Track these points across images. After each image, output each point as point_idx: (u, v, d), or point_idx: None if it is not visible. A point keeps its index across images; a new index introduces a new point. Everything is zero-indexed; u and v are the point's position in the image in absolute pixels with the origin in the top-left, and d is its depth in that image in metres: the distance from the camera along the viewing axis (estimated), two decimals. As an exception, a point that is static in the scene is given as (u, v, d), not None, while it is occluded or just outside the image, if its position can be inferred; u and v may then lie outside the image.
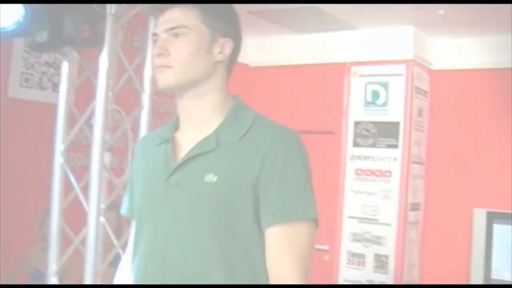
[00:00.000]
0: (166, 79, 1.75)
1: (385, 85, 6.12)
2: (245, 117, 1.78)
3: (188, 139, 1.79)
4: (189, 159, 1.74)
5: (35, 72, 4.70)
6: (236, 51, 1.83)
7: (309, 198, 1.73)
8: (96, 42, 2.92)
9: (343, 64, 6.38)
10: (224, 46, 1.79)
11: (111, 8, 2.94)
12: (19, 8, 2.68)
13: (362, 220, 6.12)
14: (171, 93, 1.80)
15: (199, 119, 1.80)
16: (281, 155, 1.70)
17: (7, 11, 2.68)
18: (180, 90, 1.78)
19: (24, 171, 4.56)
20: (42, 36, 2.92)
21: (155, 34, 1.80)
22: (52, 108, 3.12)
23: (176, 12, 1.77)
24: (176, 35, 1.75)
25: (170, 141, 1.82)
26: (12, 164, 4.48)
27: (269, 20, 6.19)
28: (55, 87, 4.59)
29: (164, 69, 1.75)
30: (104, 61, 2.95)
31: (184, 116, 1.83)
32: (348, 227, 6.20)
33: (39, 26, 2.84)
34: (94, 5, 2.90)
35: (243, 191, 1.68)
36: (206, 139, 1.74)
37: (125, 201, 2.01)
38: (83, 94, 3.14)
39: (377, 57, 6.22)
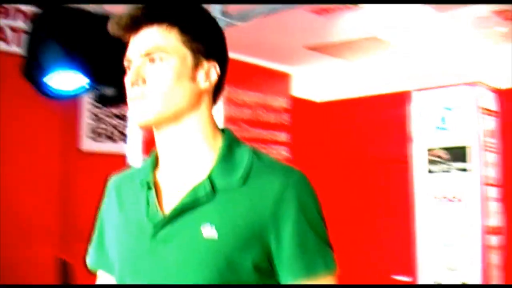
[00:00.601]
0: (142, 113, 1.47)
1: (451, 109, 6.02)
2: (241, 156, 1.51)
3: (174, 183, 1.52)
4: (181, 211, 1.46)
5: (106, 125, 4.81)
6: (222, 76, 1.57)
7: (328, 248, 1.50)
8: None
9: (406, 91, 6.32)
10: (210, 72, 1.53)
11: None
12: (83, 77, 2.77)
13: (442, 247, 5.99)
14: (148, 127, 1.54)
15: (185, 159, 1.53)
16: (294, 202, 1.44)
17: (72, 80, 2.77)
18: (159, 124, 1.51)
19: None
20: (110, 91, 2.99)
21: (127, 60, 1.52)
22: (124, 159, 3.18)
23: (152, 33, 1.48)
24: (153, 60, 1.47)
25: (152, 186, 1.53)
26: (88, 217, 4.54)
27: (329, 54, 6.20)
28: (126, 138, 4.69)
29: (139, 100, 1.46)
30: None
31: (166, 155, 1.55)
32: (428, 255, 6.07)
33: (106, 84, 2.91)
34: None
35: (248, 246, 1.43)
36: (199, 186, 1.46)
37: (92, 253, 1.73)
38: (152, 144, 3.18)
39: (440, 81, 6.14)
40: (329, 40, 5.79)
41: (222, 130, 1.58)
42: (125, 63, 1.52)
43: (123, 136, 4.82)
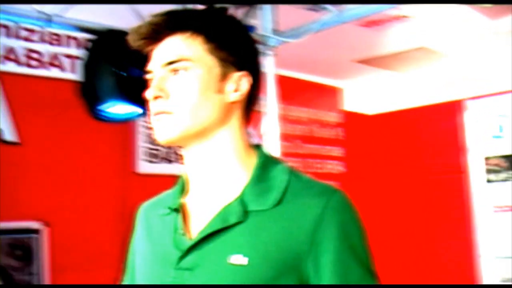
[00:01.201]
0: (166, 129, 1.34)
1: (506, 116, 5.92)
2: (277, 175, 1.36)
3: (202, 206, 1.38)
4: (208, 235, 1.31)
5: (161, 147, 4.86)
6: (255, 87, 1.42)
7: (372, 279, 1.34)
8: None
9: (459, 100, 6.25)
10: (240, 82, 1.38)
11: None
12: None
13: (503, 259, 5.86)
14: (174, 146, 1.42)
15: (215, 178, 1.38)
16: (334, 226, 1.28)
17: (125, 109, 2.81)
18: (185, 141, 1.38)
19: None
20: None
21: (148, 72, 1.40)
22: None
23: (174, 42, 1.36)
24: (177, 71, 1.35)
25: (179, 210, 1.40)
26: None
27: (379, 66, 6.18)
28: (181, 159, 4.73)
29: (162, 116, 1.34)
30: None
31: (195, 175, 1.41)
32: (488, 267, 5.95)
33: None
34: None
35: (281, 274, 1.27)
36: (229, 208, 1.32)
37: (124, 283, 1.63)
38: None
39: (492, 88, 6.05)
40: (378, 53, 5.77)
41: (256, 146, 1.44)
42: (147, 76, 1.41)
43: (179, 156, 4.85)
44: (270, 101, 3.33)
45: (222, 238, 1.30)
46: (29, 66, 4.38)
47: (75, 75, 4.32)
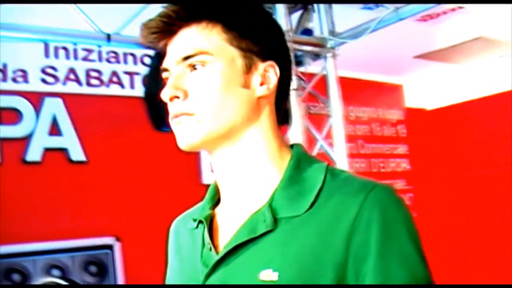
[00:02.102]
0: (188, 133, 1.18)
1: None
2: (312, 176, 1.19)
3: (232, 216, 1.22)
4: (235, 248, 1.16)
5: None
6: (285, 78, 1.25)
7: (424, 281, 1.10)
8: (283, 120, 2.98)
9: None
10: (267, 74, 1.21)
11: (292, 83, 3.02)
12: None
13: None
14: (199, 150, 1.25)
15: (247, 184, 1.22)
16: (376, 227, 1.08)
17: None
18: (211, 146, 1.21)
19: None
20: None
21: (164, 70, 1.24)
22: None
23: (189, 34, 1.20)
24: (194, 67, 1.18)
25: (206, 222, 1.25)
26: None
27: (437, 60, 6.10)
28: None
29: (182, 118, 1.18)
30: (295, 136, 3.02)
31: (225, 182, 1.26)
32: None
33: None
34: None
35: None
36: (257, 216, 1.16)
37: None
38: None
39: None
40: (436, 46, 5.69)
41: (291, 146, 1.27)
42: (163, 75, 1.25)
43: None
44: (333, 103, 3.31)
45: (250, 251, 1.15)
46: (89, 85, 4.47)
47: (135, 91, 4.39)
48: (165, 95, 1.19)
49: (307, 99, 3.31)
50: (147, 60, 4.45)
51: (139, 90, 4.34)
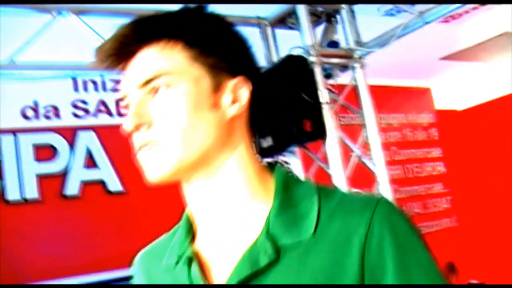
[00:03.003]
0: (158, 164, 1.06)
1: None
2: (304, 197, 1.10)
3: (220, 250, 1.10)
4: (237, 284, 1.05)
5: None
6: (257, 94, 1.15)
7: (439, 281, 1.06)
8: (319, 132, 2.99)
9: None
10: (238, 91, 1.10)
11: (323, 96, 3.03)
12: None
13: None
14: (171, 183, 1.11)
15: (228, 215, 1.10)
16: (388, 244, 1.02)
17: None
18: (184, 175, 1.09)
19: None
20: (267, 141, 3.05)
21: (123, 96, 1.11)
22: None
23: (149, 55, 1.08)
24: (157, 90, 1.07)
25: (194, 258, 1.11)
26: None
27: (464, 59, 6.06)
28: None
29: (149, 148, 1.06)
30: (332, 148, 3.01)
31: (201, 214, 1.13)
32: None
33: (262, 135, 2.98)
34: (306, 97, 2.98)
35: None
36: (255, 246, 1.05)
37: None
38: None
39: None
40: (461, 46, 5.65)
41: (270, 166, 1.15)
42: (123, 102, 1.12)
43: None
44: (366, 113, 3.30)
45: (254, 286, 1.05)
46: (120, 115, 4.51)
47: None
48: (127, 124, 1.05)
49: (338, 110, 3.31)
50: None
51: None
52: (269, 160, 1.17)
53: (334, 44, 3.40)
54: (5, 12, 2.90)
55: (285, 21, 3.41)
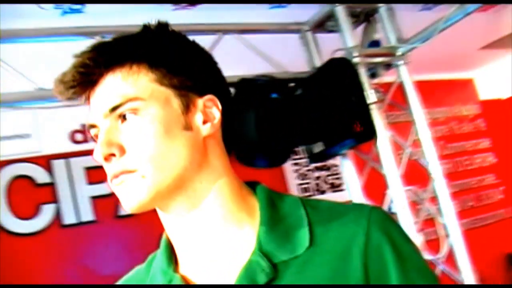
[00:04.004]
0: (134, 193, 1.02)
1: None
2: (291, 211, 1.09)
3: (207, 275, 1.07)
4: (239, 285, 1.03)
5: (310, 180, 4.89)
6: (228, 110, 1.12)
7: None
8: (370, 133, 2.98)
9: None
10: (208, 110, 1.08)
11: (370, 96, 3.02)
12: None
13: None
14: (148, 210, 1.06)
15: (213, 239, 1.07)
16: (388, 251, 1.03)
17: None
18: (162, 201, 1.05)
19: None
20: (318, 146, 3.05)
21: (91, 126, 1.07)
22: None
23: (112, 81, 1.04)
24: (125, 117, 1.03)
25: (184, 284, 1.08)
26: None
27: (504, 47, 5.98)
28: (333, 187, 4.75)
29: (124, 177, 1.02)
30: (383, 147, 3.00)
31: (184, 238, 1.09)
32: None
33: (312, 142, 2.99)
34: (353, 99, 2.97)
35: None
36: (250, 266, 1.03)
37: None
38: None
39: None
40: (501, 34, 5.57)
41: (249, 184, 1.15)
42: (91, 132, 1.09)
43: (329, 185, 4.88)
44: (414, 109, 3.28)
45: None
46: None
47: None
48: (97, 154, 1.02)
49: (386, 109, 3.30)
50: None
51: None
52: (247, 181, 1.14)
53: (375, 43, 3.39)
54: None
55: (324, 25, 3.40)
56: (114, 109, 1.02)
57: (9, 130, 3.98)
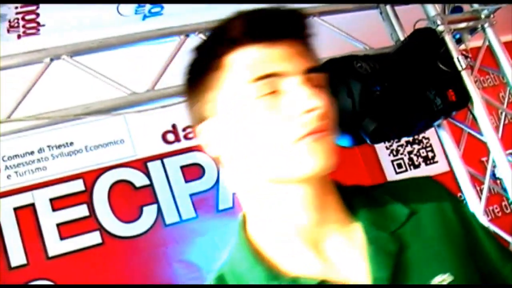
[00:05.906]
0: (329, 153, 1.00)
1: None
2: (374, 193, 1.14)
3: (327, 266, 1.05)
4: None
5: (403, 155, 4.82)
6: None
7: None
8: (464, 100, 2.93)
9: None
10: None
11: (459, 63, 2.96)
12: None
13: None
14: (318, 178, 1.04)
15: (329, 220, 1.07)
16: (476, 225, 1.16)
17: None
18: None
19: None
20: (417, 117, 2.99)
21: (273, 74, 1.01)
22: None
23: (304, 49, 1.06)
24: (316, 86, 1.02)
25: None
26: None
27: None
28: (426, 160, 4.69)
29: (322, 135, 1.00)
30: (480, 112, 2.96)
31: (306, 220, 1.06)
32: None
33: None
34: (444, 68, 2.92)
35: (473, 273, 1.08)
36: (371, 238, 1.05)
37: None
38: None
39: None
40: None
41: None
42: (263, 80, 1.01)
43: (422, 158, 4.80)
44: (507, 71, 3.20)
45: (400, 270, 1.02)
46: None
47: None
48: (306, 103, 0.99)
49: (477, 74, 3.23)
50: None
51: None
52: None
53: (458, 9, 3.31)
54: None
55: (403, -4, 3.34)
56: (311, 70, 1.03)
57: (103, 137, 4.10)
